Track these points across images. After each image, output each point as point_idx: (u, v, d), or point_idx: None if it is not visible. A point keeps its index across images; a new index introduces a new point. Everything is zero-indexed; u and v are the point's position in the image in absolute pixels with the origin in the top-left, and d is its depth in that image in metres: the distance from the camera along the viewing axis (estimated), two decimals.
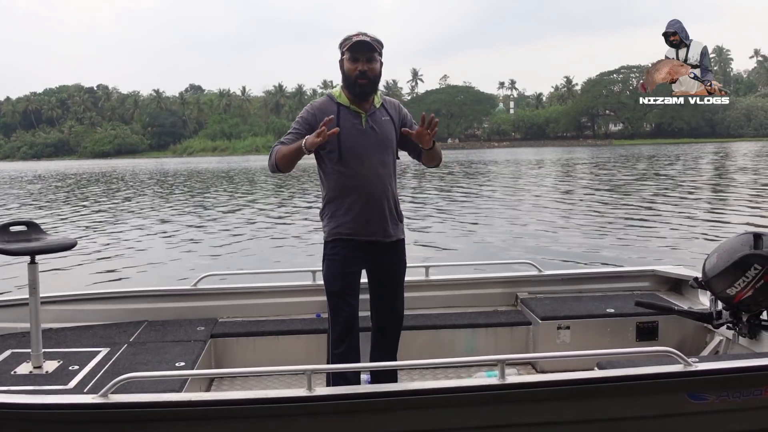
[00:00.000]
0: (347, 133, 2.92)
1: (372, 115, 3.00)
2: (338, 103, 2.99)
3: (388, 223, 3.02)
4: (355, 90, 2.94)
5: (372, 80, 2.93)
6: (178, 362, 3.20)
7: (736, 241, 3.16)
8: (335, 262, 3.01)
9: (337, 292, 3.01)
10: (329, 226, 3.04)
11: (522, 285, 4.27)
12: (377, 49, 2.92)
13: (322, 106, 3.01)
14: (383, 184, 2.99)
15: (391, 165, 3.06)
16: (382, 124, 3.01)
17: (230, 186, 28.92)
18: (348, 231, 2.98)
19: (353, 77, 2.91)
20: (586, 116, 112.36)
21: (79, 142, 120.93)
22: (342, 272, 3.00)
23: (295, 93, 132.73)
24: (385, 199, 3.00)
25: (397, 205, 3.11)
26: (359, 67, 2.89)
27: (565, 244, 10.40)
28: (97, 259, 10.21)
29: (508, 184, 25.30)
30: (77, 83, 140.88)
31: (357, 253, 3.00)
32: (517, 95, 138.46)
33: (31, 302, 3.07)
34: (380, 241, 3.02)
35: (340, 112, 2.95)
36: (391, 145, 3.05)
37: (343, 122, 2.93)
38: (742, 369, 2.58)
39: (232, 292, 4.12)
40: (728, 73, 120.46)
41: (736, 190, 19.41)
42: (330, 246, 3.04)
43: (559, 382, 2.55)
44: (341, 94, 3.01)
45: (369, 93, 2.96)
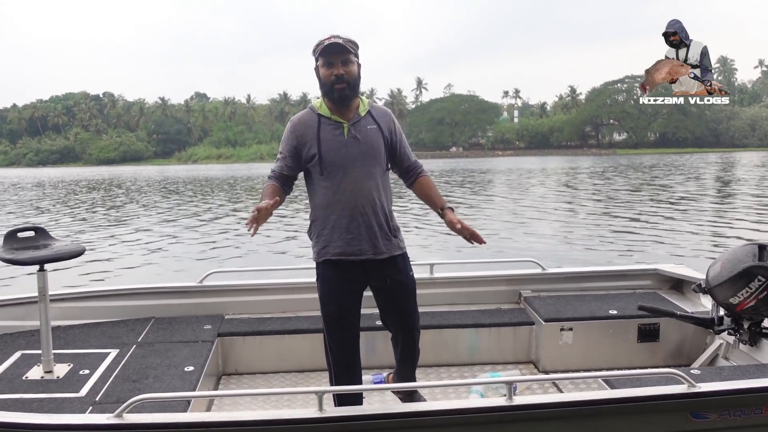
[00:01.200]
0: (328, 145, 2.79)
1: (355, 124, 2.83)
2: (319, 114, 2.84)
3: (378, 239, 2.85)
4: (333, 96, 2.78)
5: (350, 83, 2.77)
6: (187, 366, 3.22)
7: (740, 251, 3.17)
8: (329, 282, 2.88)
9: (333, 313, 2.87)
10: (317, 246, 2.90)
11: (525, 283, 4.29)
12: (352, 50, 2.78)
13: (303, 119, 2.87)
14: (370, 197, 2.82)
15: (379, 176, 2.88)
16: (366, 133, 2.84)
17: (234, 192, 28.97)
18: (336, 251, 2.83)
19: (330, 83, 2.76)
20: (590, 125, 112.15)
21: (84, 149, 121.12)
22: (338, 291, 2.87)
23: (300, 101, 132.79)
24: (373, 213, 2.83)
25: (390, 218, 2.92)
26: (335, 71, 2.74)
27: (568, 244, 10.41)
28: (104, 258, 10.27)
29: (512, 187, 25.31)
30: (83, 91, 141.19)
31: (350, 275, 2.86)
32: (521, 104, 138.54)
33: (41, 308, 3.10)
34: (372, 259, 2.86)
35: (321, 124, 2.82)
36: (378, 155, 2.87)
37: (323, 134, 2.80)
38: (744, 390, 2.62)
39: (238, 289, 4.14)
40: (732, 83, 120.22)
41: (740, 199, 19.38)
42: (321, 268, 2.91)
43: (566, 404, 2.59)
44: (322, 105, 2.87)
45: (349, 97, 2.81)
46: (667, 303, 3.97)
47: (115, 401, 2.72)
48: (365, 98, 2.93)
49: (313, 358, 3.77)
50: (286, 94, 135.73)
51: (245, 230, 2.67)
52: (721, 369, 3.15)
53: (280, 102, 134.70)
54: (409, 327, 3.04)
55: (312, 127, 2.82)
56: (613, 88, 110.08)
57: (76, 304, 3.91)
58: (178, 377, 3.10)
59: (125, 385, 2.99)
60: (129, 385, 2.99)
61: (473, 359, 3.94)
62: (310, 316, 4.02)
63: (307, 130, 2.82)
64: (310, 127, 2.82)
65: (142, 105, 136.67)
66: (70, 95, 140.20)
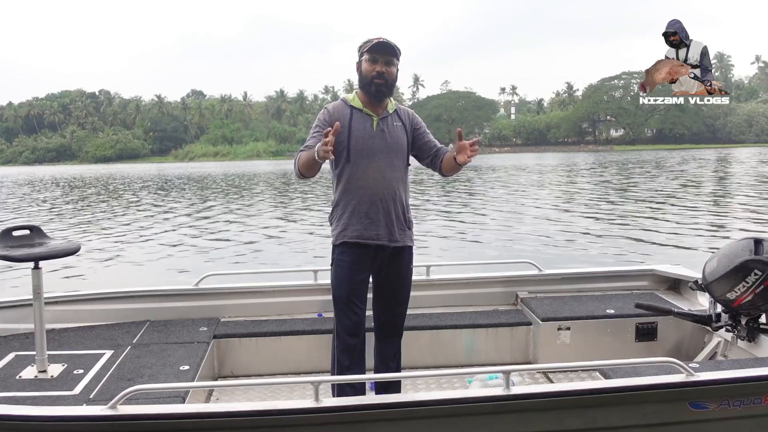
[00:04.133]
0: (357, 134, 2.97)
1: (384, 119, 3.03)
2: (351, 106, 3.03)
3: (395, 227, 3.03)
4: (370, 90, 2.97)
5: (388, 83, 2.97)
6: (182, 366, 3.21)
7: (736, 246, 3.17)
8: (342, 267, 3.03)
9: (343, 297, 3.03)
10: (337, 229, 3.05)
11: (522, 284, 4.28)
12: (396, 54, 2.98)
13: (337, 107, 3.06)
14: (391, 187, 3.00)
15: (401, 170, 3.07)
16: (393, 129, 3.04)
17: (232, 190, 28.95)
18: (354, 234, 2.99)
19: (370, 77, 2.96)
20: (587, 122, 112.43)
21: (81, 147, 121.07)
22: (349, 278, 3.02)
23: (296, 98, 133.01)
24: (392, 203, 3.01)
25: (406, 211, 3.10)
26: (377, 68, 2.94)
27: (564, 245, 10.42)
28: (98, 260, 10.25)
29: (509, 186, 25.33)
30: (79, 88, 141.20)
31: (364, 259, 3.02)
32: (518, 101, 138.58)
33: (35, 307, 3.08)
34: (386, 246, 3.02)
35: (353, 114, 3.00)
36: (402, 150, 3.07)
37: (354, 123, 2.98)
38: (742, 379, 2.60)
39: (234, 292, 4.13)
40: (729, 79, 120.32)
41: (736, 194, 19.42)
42: (338, 251, 3.06)
43: (563, 393, 2.57)
44: (355, 97, 3.06)
45: (384, 95, 2.99)
46: (665, 303, 3.96)
47: (109, 398, 2.71)
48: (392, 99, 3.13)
49: (309, 360, 3.76)
50: (282, 91, 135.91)
51: (246, 229, 2.66)
52: (719, 362, 3.14)
53: (277, 99, 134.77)
54: (395, 318, 3.19)
55: (345, 116, 3.00)
56: (610, 84, 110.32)
57: (71, 307, 3.89)
58: (174, 376, 3.09)
59: (120, 383, 2.96)
60: (124, 383, 2.95)
61: (471, 360, 3.93)
62: (306, 318, 4.01)
63: (340, 118, 2.97)
64: (343, 115, 3.00)
65: (138, 103, 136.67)
66: (67, 93, 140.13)
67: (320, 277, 4.09)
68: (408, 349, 3.43)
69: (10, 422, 2.33)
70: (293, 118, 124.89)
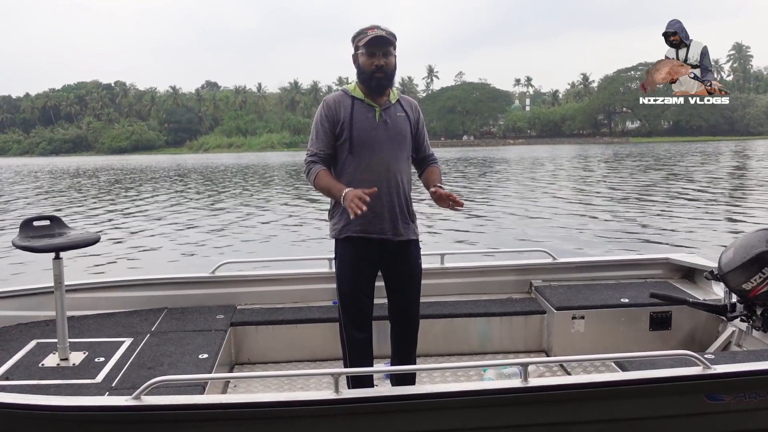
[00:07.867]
0: (360, 125, 2.91)
1: (386, 110, 2.97)
2: (352, 97, 2.96)
3: (399, 220, 2.97)
4: (371, 84, 2.91)
5: (388, 74, 2.91)
6: (201, 354, 3.25)
7: (753, 237, 3.16)
8: (347, 262, 2.98)
9: (349, 292, 2.98)
10: (340, 223, 2.98)
11: (536, 272, 4.29)
12: (393, 43, 2.91)
13: (337, 99, 2.98)
14: (394, 180, 2.94)
15: (404, 161, 3.01)
16: (396, 119, 2.98)
17: (247, 181, 29.07)
18: (358, 228, 2.92)
19: (369, 72, 2.89)
20: (603, 113, 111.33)
21: (96, 138, 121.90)
22: (354, 272, 2.98)
23: (311, 90, 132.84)
24: (396, 195, 2.95)
25: (409, 203, 3.05)
26: (376, 61, 2.87)
27: (579, 233, 10.38)
28: (117, 248, 10.36)
29: (524, 176, 25.23)
30: (95, 80, 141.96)
31: (367, 254, 2.97)
32: (533, 92, 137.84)
33: (56, 296, 3.12)
34: (390, 240, 2.96)
35: (354, 105, 2.94)
36: (405, 141, 3.01)
37: (356, 115, 2.92)
38: (759, 372, 2.60)
39: (250, 280, 4.17)
40: (748, 70, 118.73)
41: (754, 186, 19.21)
42: (341, 245, 3.01)
43: (580, 385, 2.58)
44: (355, 88, 2.99)
45: (385, 87, 2.94)
46: (679, 292, 3.95)
47: (131, 387, 2.75)
48: (394, 88, 3.05)
49: (325, 347, 3.81)
50: (296, 82, 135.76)
51: (261, 220, 2.69)
52: (735, 353, 3.14)
53: (291, 91, 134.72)
54: (410, 313, 3.13)
55: (346, 108, 2.93)
56: (626, 76, 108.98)
57: (90, 295, 3.95)
58: (193, 364, 3.14)
59: (141, 372, 3.02)
60: (145, 372, 3.01)
61: (484, 348, 3.95)
62: (322, 306, 4.04)
63: (340, 110, 2.92)
64: (344, 107, 2.93)
65: (153, 94, 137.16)
66: (82, 84, 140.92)
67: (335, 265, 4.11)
68: (422, 337, 3.44)
69: (37, 412, 2.38)
70: (307, 110, 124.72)
